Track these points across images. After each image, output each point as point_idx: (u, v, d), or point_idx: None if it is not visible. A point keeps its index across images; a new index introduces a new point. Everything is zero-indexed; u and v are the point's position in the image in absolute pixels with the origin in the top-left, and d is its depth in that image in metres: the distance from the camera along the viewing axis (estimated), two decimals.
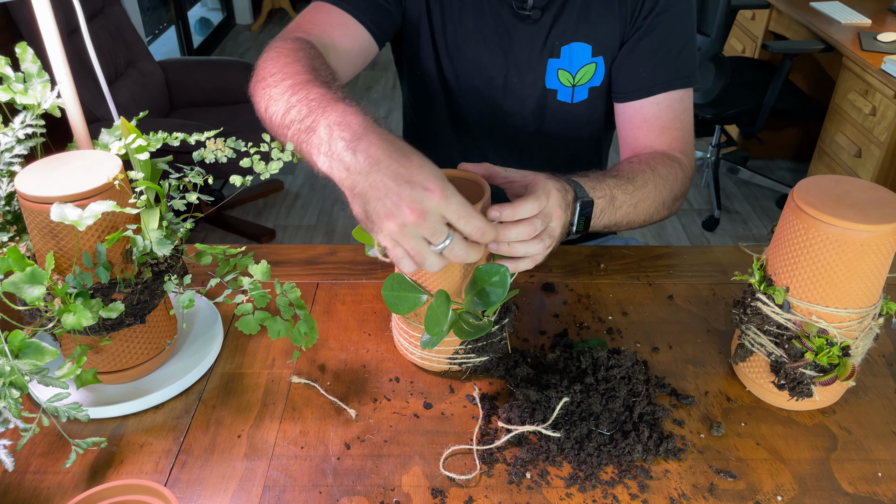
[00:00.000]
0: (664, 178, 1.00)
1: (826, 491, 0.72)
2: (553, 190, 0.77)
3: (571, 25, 1.05)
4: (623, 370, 0.81)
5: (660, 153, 1.05)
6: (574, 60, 1.07)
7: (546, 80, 1.09)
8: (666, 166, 1.02)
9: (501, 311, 0.82)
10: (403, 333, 0.85)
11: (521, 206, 0.73)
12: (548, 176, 0.81)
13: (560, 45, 1.06)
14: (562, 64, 1.08)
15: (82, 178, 0.72)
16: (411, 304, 0.77)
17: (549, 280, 1.02)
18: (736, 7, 2.83)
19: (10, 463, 0.64)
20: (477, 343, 0.81)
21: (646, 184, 0.97)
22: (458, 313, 0.75)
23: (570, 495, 0.71)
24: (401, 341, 0.86)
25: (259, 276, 0.76)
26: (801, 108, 2.80)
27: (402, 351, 0.87)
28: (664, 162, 1.02)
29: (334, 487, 0.72)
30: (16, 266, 0.65)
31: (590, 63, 1.07)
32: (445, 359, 0.83)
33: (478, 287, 0.74)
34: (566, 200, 0.80)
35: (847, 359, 0.74)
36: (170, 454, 0.75)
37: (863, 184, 0.75)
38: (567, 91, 1.10)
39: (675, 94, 1.07)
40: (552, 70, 1.08)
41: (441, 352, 0.83)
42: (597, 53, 1.07)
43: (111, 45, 2.57)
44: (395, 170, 0.65)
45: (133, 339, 0.79)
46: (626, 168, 0.98)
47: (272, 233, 2.91)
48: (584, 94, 1.10)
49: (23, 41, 0.80)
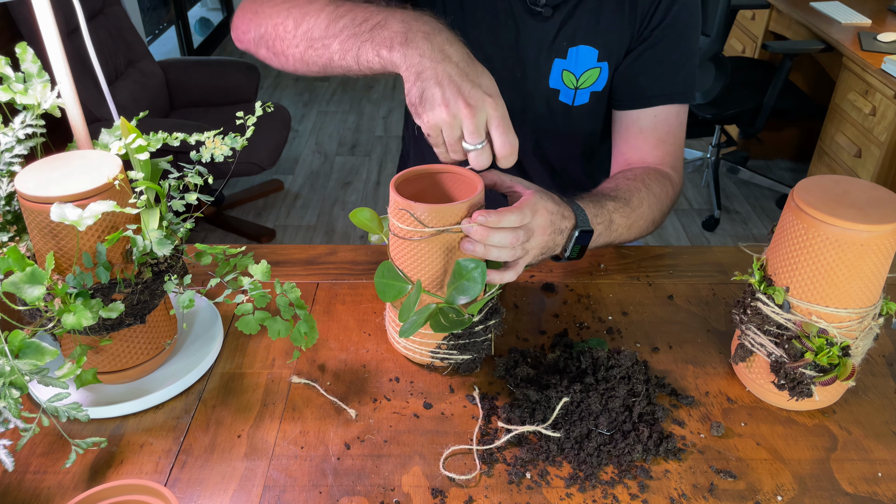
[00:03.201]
0: (657, 197, 1.01)
1: (826, 491, 0.72)
2: (542, 210, 0.80)
3: (581, 28, 1.05)
4: (623, 370, 0.81)
5: (653, 169, 1.06)
6: (580, 63, 1.07)
7: (550, 79, 1.09)
8: (660, 185, 1.03)
9: (488, 312, 0.83)
10: (391, 323, 0.86)
11: (505, 215, 0.75)
12: (546, 195, 0.82)
13: (567, 46, 1.07)
14: (567, 65, 1.08)
15: (82, 178, 0.72)
16: (397, 293, 0.79)
17: (549, 280, 1.02)
18: (736, 7, 2.83)
19: (10, 463, 0.64)
20: (459, 340, 0.82)
21: (641, 204, 0.98)
22: (439, 307, 0.76)
23: (570, 495, 0.71)
24: (389, 329, 0.88)
25: (259, 276, 0.76)
26: (801, 108, 2.80)
27: (391, 340, 0.89)
28: (658, 180, 1.03)
29: (334, 487, 0.72)
30: (16, 266, 0.65)
31: (594, 67, 1.07)
32: (428, 352, 0.84)
33: (456, 281, 0.75)
34: (555, 225, 0.82)
35: (847, 359, 0.74)
36: (170, 454, 0.75)
37: (863, 184, 0.75)
38: (569, 93, 1.10)
39: (673, 108, 1.07)
40: (557, 70, 1.08)
41: (425, 344, 0.83)
42: (602, 58, 1.07)
43: (111, 45, 2.57)
44: (463, 67, 0.73)
45: (133, 339, 0.79)
46: (623, 186, 0.99)
47: (272, 233, 2.91)
48: (585, 98, 1.10)
49: (23, 41, 0.80)
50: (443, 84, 0.72)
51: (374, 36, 0.77)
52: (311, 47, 0.84)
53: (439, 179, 0.83)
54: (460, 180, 0.82)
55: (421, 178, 0.82)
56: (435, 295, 0.79)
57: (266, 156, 2.54)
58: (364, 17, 0.79)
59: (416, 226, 0.75)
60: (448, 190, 0.84)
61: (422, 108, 0.74)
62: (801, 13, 2.79)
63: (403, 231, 0.76)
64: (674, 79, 1.06)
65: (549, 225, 0.81)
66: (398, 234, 0.78)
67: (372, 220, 0.82)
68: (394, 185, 0.77)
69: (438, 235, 0.75)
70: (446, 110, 0.72)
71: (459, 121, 0.73)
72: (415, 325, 0.75)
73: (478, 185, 0.78)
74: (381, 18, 0.78)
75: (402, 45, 0.74)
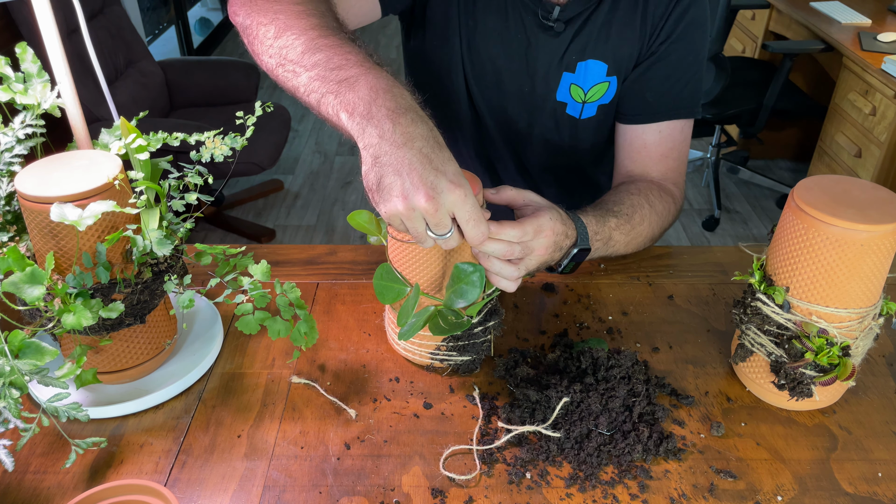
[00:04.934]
0: (659, 214, 1.01)
1: (826, 491, 0.72)
2: (549, 231, 0.79)
3: (591, 42, 1.04)
4: (623, 370, 0.81)
5: (657, 185, 1.05)
6: (588, 77, 1.06)
7: (558, 93, 1.09)
8: (663, 203, 1.03)
9: (487, 314, 0.83)
10: (391, 324, 0.87)
11: (505, 230, 0.74)
12: (555, 215, 0.81)
13: (577, 60, 1.06)
14: (576, 79, 1.07)
15: (82, 178, 0.72)
16: (396, 295, 0.79)
17: (549, 280, 1.02)
18: (736, 7, 2.83)
19: (10, 463, 0.64)
20: (458, 341, 0.82)
21: (642, 221, 0.98)
22: (437, 309, 0.76)
23: (570, 495, 0.71)
24: (389, 331, 0.89)
25: (259, 276, 0.76)
26: (801, 108, 2.80)
27: (390, 341, 0.89)
28: (661, 197, 1.03)
29: (334, 487, 0.72)
30: (16, 266, 0.65)
31: (603, 82, 1.07)
32: (427, 353, 0.84)
33: (455, 284, 0.75)
34: (558, 244, 0.81)
35: (847, 359, 0.74)
36: (170, 454, 0.75)
37: (863, 184, 0.75)
38: (577, 106, 1.09)
39: (678, 123, 1.07)
40: (565, 84, 1.07)
41: (424, 346, 0.84)
42: (611, 73, 1.06)
43: (111, 45, 2.57)
44: (427, 153, 0.65)
45: (133, 339, 0.79)
46: (627, 202, 0.97)
47: (272, 233, 2.91)
48: (592, 111, 1.10)
49: (23, 41, 0.80)
50: (402, 173, 0.64)
51: (341, 90, 0.70)
52: (283, 66, 0.76)
53: None
54: None
55: None
56: (434, 297, 0.79)
57: (266, 156, 2.54)
58: (338, 64, 0.72)
59: None
60: None
61: (378, 196, 0.66)
62: (801, 13, 2.79)
63: (401, 234, 0.76)
64: (680, 94, 1.06)
65: (552, 245, 0.80)
66: (396, 237, 0.78)
67: (370, 223, 0.82)
68: None
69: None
70: (403, 203, 0.65)
71: (420, 213, 0.66)
72: (413, 328, 0.75)
73: (476, 188, 0.76)
74: (353, 74, 0.70)
75: (364, 117, 0.67)
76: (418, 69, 1.16)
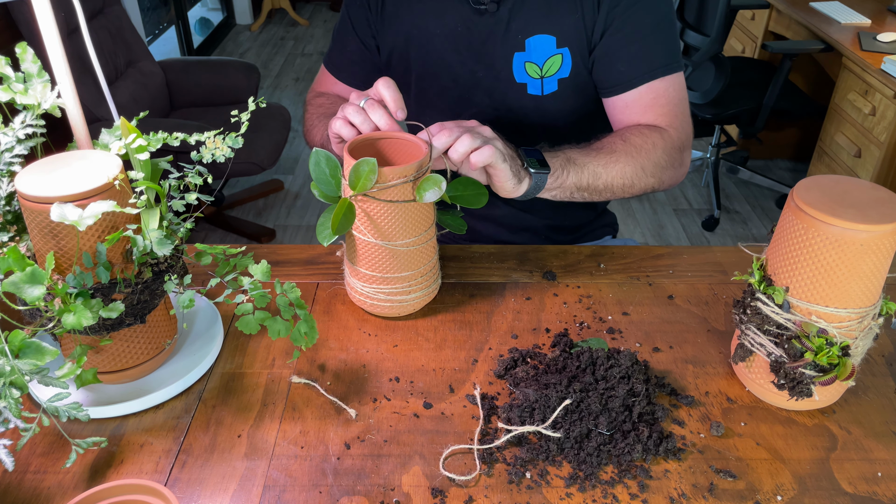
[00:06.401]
0: (636, 146, 1.03)
1: (826, 491, 0.72)
2: (479, 124, 0.91)
3: (533, 18, 1.06)
4: (623, 370, 0.81)
5: (636, 125, 1.07)
6: (540, 52, 1.08)
7: (515, 74, 1.10)
8: (639, 135, 1.04)
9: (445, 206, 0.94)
10: (350, 276, 0.93)
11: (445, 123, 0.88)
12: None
13: (523, 38, 1.08)
14: (528, 57, 1.09)
15: (82, 178, 0.72)
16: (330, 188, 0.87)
17: (549, 279, 1.02)
18: (736, 7, 2.83)
19: (10, 463, 0.64)
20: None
21: (613, 150, 1.01)
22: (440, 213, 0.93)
23: (570, 495, 0.71)
24: (350, 281, 0.94)
25: (259, 276, 0.76)
26: (800, 108, 2.80)
27: (350, 292, 0.95)
28: (637, 131, 1.05)
29: (334, 487, 0.72)
30: (16, 266, 0.65)
31: (556, 54, 1.08)
32: (385, 297, 0.90)
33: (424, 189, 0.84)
34: (501, 137, 0.92)
35: (847, 359, 0.74)
36: (170, 454, 0.75)
37: (863, 184, 0.75)
38: (536, 83, 1.10)
39: (661, 82, 1.07)
40: (519, 63, 1.09)
41: (380, 290, 0.90)
42: (561, 45, 1.07)
43: (111, 45, 2.57)
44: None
45: (133, 339, 0.79)
46: (592, 142, 1.05)
47: (272, 233, 2.91)
48: (553, 86, 1.11)
49: (23, 41, 0.80)
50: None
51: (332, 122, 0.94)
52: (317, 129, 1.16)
53: (386, 146, 0.92)
54: (407, 146, 0.90)
55: (370, 146, 0.90)
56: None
57: (266, 156, 2.54)
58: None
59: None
60: (395, 157, 0.92)
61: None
62: (801, 13, 2.79)
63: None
64: (652, 56, 1.06)
65: (492, 132, 0.90)
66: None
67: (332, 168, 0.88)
68: (347, 150, 0.84)
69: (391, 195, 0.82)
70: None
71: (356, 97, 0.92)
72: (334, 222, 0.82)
73: (424, 147, 0.86)
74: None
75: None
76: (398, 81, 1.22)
